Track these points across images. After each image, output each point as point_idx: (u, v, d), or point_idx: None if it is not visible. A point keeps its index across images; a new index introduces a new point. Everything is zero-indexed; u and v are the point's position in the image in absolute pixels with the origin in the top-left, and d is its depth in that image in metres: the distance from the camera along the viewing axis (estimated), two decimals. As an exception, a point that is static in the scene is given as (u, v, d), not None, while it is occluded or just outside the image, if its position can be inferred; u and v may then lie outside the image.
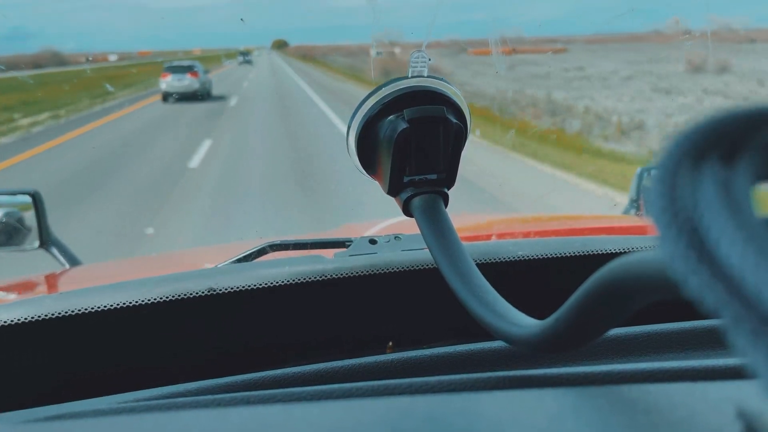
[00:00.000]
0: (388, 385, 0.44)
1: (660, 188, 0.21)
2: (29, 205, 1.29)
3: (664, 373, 0.44)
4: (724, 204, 0.20)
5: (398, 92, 0.58)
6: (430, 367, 0.55)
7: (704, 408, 0.36)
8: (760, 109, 0.22)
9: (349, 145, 0.61)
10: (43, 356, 0.63)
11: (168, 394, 0.51)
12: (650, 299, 0.30)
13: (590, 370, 0.44)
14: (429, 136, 0.57)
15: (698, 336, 0.56)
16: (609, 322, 0.35)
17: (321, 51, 42.11)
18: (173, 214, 5.56)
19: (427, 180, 0.59)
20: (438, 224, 0.57)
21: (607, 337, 0.56)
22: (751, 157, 0.22)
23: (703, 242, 0.20)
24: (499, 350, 0.55)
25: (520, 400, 0.39)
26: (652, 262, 0.27)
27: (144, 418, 0.41)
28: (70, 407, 0.49)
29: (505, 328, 0.44)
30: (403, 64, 0.59)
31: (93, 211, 5.67)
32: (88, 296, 0.63)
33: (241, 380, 0.52)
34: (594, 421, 0.36)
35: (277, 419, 0.38)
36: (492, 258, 0.71)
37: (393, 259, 0.69)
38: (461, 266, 0.52)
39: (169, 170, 7.53)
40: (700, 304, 0.20)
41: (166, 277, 0.67)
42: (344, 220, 3.68)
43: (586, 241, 0.76)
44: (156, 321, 0.64)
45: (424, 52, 0.60)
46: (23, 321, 0.60)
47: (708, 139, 0.22)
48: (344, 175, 5.33)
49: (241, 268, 0.71)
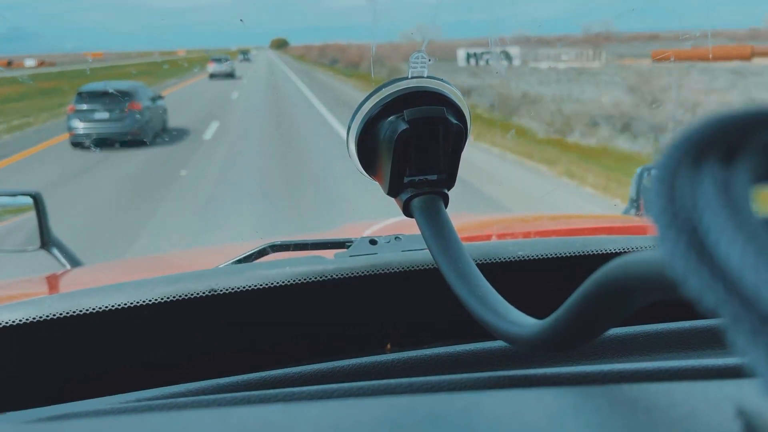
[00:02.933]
0: (389, 385, 0.44)
1: (660, 188, 0.22)
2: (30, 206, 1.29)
3: (664, 372, 0.44)
4: (724, 204, 0.21)
5: (398, 93, 0.58)
6: (430, 366, 0.55)
7: (704, 407, 0.36)
8: (760, 110, 0.22)
9: (350, 146, 0.61)
10: (45, 357, 0.63)
11: (169, 394, 0.51)
12: (650, 299, 0.30)
13: (590, 369, 0.44)
14: (429, 136, 0.57)
15: (698, 335, 0.57)
16: (609, 321, 0.35)
17: (322, 51, 40.63)
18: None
19: (427, 180, 0.59)
20: (438, 224, 0.57)
21: (607, 337, 0.56)
22: (751, 158, 0.22)
23: (702, 242, 0.20)
24: (499, 350, 0.55)
25: (521, 399, 0.39)
26: (651, 262, 0.27)
27: (145, 418, 0.41)
28: (72, 407, 0.49)
29: (505, 327, 0.44)
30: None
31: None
32: (89, 297, 0.63)
33: (242, 380, 0.52)
34: (594, 420, 0.36)
35: (278, 419, 0.38)
36: (492, 258, 0.71)
37: (393, 259, 0.69)
38: (461, 266, 0.52)
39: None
40: (700, 304, 0.20)
41: (167, 277, 0.67)
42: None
43: (586, 241, 0.76)
44: (157, 321, 0.64)
45: (424, 52, 0.60)
46: (25, 321, 0.60)
47: (708, 139, 0.22)
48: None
49: (242, 268, 0.71)
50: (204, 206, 6.03)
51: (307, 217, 5.45)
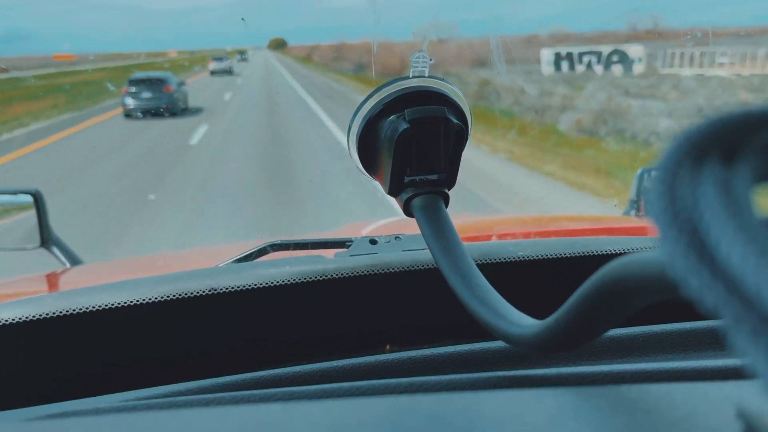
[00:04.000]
0: (389, 385, 0.44)
1: (660, 189, 0.22)
2: (30, 205, 1.30)
3: (664, 373, 0.44)
4: (725, 204, 0.21)
5: (399, 92, 0.58)
6: (430, 366, 0.55)
7: (704, 408, 0.36)
8: (760, 110, 0.22)
9: (350, 145, 0.61)
10: (45, 355, 0.63)
11: (169, 392, 0.51)
12: (650, 299, 0.30)
13: (590, 370, 0.44)
14: (430, 136, 0.57)
15: (698, 336, 0.57)
16: (609, 322, 0.35)
17: (338, 51, 36.98)
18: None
19: (428, 180, 0.59)
20: (438, 224, 0.57)
21: (607, 337, 0.56)
22: (752, 158, 0.22)
23: (703, 242, 0.20)
24: (499, 350, 0.55)
25: (520, 399, 0.39)
26: (652, 262, 0.27)
27: (145, 417, 0.41)
28: (72, 405, 0.49)
29: (505, 328, 0.44)
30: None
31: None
32: (88, 295, 0.63)
33: (242, 379, 0.52)
34: (594, 420, 0.36)
35: (278, 418, 0.38)
36: (492, 258, 0.71)
37: (393, 259, 0.69)
38: (462, 266, 0.52)
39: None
40: (700, 304, 0.20)
41: (167, 276, 0.67)
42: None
43: (586, 242, 0.76)
44: (157, 320, 0.64)
45: (425, 52, 0.60)
46: (24, 320, 0.60)
47: (708, 139, 0.22)
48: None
49: (242, 267, 0.71)
50: (227, 130, 10.70)
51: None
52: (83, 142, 11.08)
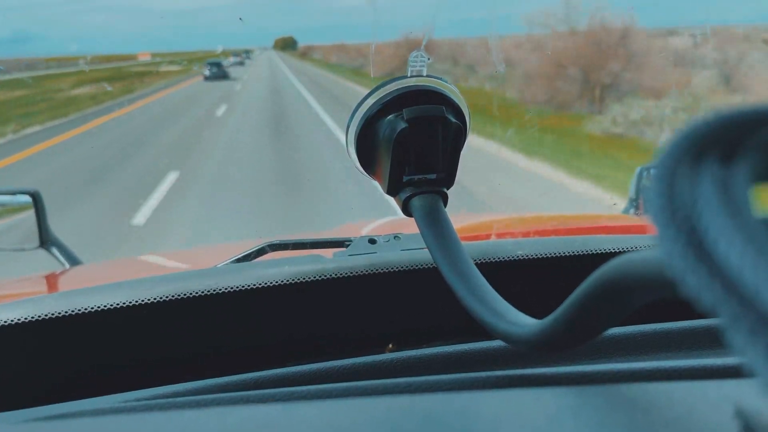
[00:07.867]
0: (388, 385, 0.44)
1: (658, 187, 0.22)
2: (29, 205, 1.29)
3: (663, 372, 0.44)
4: (723, 203, 0.21)
5: (397, 92, 0.58)
6: (429, 366, 0.55)
7: (703, 407, 0.36)
8: (760, 108, 0.22)
9: (348, 145, 0.61)
10: (44, 356, 0.63)
11: (168, 393, 0.51)
12: (649, 298, 0.30)
13: (589, 369, 0.44)
14: (428, 135, 0.57)
15: (697, 335, 0.57)
16: (608, 321, 0.35)
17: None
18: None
19: (427, 180, 0.59)
20: (437, 224, 0.57)
21: (607, 337, 0.56)
22: (751, 157, 0.22)
23: (701, 241, 0.20)
24: (499, 350, 0.55)
25: (520, 399, 0.39)
26: (650, 261, 0.27)
27: (144, 418, 0.41)
28: (71, 406, 0.49)
29: (504, 327, 0.44)
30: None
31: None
32: (88, 296, 0.63)
33: (241, 380, 0.52)
34: (593, 420, 0.36)
35: (277, 418, 0.38)
36: (491, 257, 0.71)
37: (392, 258, 0.69)
38: (461, 266, 0.52)
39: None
40: (698, 303, 0.20)
41: (166, 276, 0.67)
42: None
43: (585, 241, 0.76)
44: (156, 321, 0.64)
45: (423, 51, 0.60)
46: (23, 320, 0.60)
47: (707, 138, 0.22)
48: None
49: (241, 267, 0.71)
50: (250, 80, 24.37)
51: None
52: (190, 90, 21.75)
